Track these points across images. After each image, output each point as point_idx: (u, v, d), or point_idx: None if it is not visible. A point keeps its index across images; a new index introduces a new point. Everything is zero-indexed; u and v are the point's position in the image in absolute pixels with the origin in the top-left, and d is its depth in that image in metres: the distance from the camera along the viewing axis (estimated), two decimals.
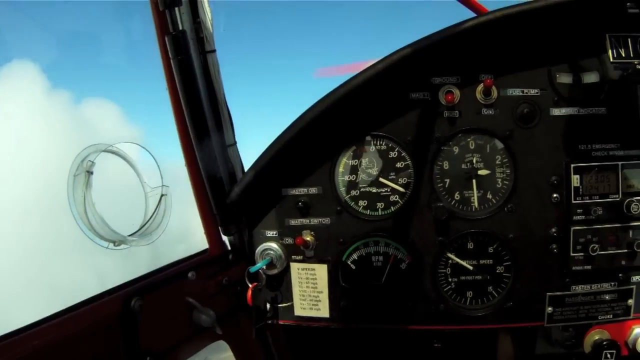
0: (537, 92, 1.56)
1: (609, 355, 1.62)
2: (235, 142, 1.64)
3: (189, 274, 1.52)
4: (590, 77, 1.58)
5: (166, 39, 1.36)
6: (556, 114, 1.57)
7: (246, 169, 1.65)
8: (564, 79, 1.57)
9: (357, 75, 1.50)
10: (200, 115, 1.47)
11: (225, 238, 1.68)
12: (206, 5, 1.54)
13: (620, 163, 1.55)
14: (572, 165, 1.54)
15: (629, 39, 1.58)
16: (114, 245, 1.55)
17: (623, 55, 1.58)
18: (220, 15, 1.62)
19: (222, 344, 1.76)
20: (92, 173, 1.50)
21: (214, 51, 1.57)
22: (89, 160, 1.50)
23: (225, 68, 1.63)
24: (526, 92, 1.56)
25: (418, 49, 1.47)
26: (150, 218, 1.65)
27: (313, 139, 1.57)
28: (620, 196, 1.55)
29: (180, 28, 1.39)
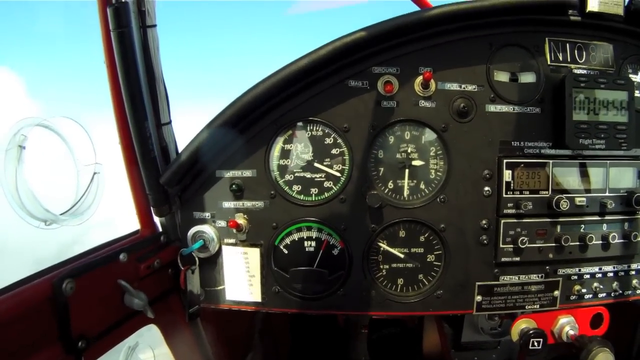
0: (475, 88, 1.60)
1: (535, 344, 1.69)
2: (170, 121, 1.58)
3: (121, 256, 1.48)
4: (527, 77, 1.64)
5: (108, 10, 1.31)
6: (492, 110, 1.61)
7: (180, 149, 1.60)
8: (502, 77, 1.62)
9: (298, 60, 1.49)
10: (138, 92, 1.42)
11: (157, 219, 1.64)
12: None
13: (551, 161, 1.62)
14: (505, 160, 1.59)
15: (567, 44, 1.66)
16: (45, 224, 1.49)
17: (560, 59, 1.65)
18: None
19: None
20: (24, 148, 1.44)
21: (154, 26, 1.52)
22: (22, 134, 1.44)
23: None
24: (464, 87, 1.60)
25: (359, 38, 1.47)
26: (82, 196, 1.59)
27: (250, 121, 1.55)
28: (550, 193, 1.62)
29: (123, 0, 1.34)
